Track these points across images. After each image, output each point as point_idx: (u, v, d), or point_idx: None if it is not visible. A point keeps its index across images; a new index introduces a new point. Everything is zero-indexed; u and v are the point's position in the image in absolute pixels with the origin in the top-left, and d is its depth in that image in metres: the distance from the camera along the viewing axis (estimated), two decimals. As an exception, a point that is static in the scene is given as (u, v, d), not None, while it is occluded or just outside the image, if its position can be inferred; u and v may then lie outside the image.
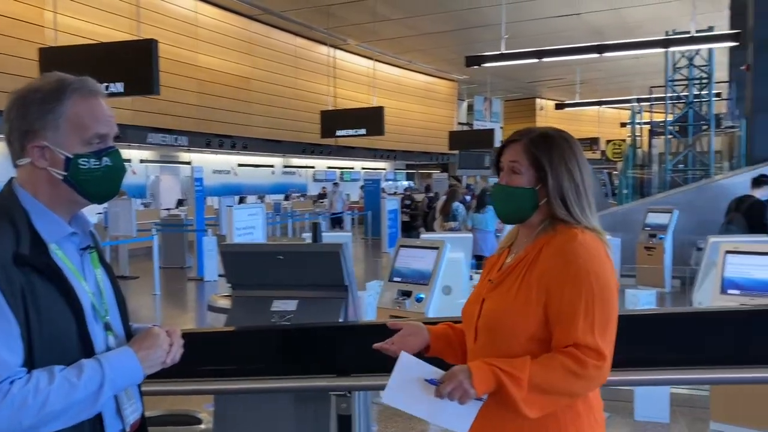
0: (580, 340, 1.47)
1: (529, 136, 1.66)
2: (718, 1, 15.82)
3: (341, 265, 2.35)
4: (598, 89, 27.16)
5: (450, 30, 19.30)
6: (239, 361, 2.23)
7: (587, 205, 1.62)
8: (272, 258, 2.45)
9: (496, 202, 1.71)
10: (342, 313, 2.36)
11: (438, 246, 4.73)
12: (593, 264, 1.52)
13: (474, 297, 1.72)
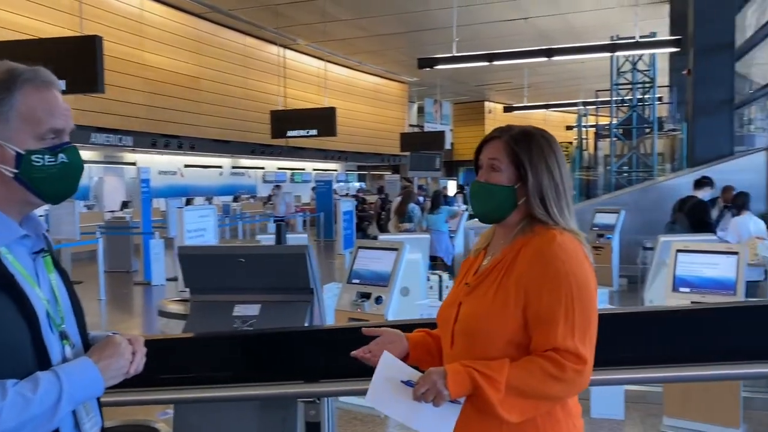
0: (560, 345, 1.44)
1: (509, 133, 1.63)
2: (659, 9, 16.38)
3: (307, 268, 2.28)
4: (545, 93, 27.73)
5: (400, 32, 19.36)
6: (201, 368, 2.14)
7: (566, 205, 1.59)
8: (233, 261, 2.36)
9: (474, 200, 1.66)
10: (307, 317, 2.29)
11: (397, 247, 4.70)
12: (572, 266, 1.48)
13: (450, 301, 1.67)
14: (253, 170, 24.57)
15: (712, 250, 4.16)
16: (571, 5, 16.73)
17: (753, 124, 13.75)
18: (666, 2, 16.05)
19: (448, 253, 8.67)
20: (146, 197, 11.33)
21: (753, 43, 11.42)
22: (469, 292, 1.60)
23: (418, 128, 29.72)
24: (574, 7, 16.87)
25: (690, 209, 6.80)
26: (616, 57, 14.04)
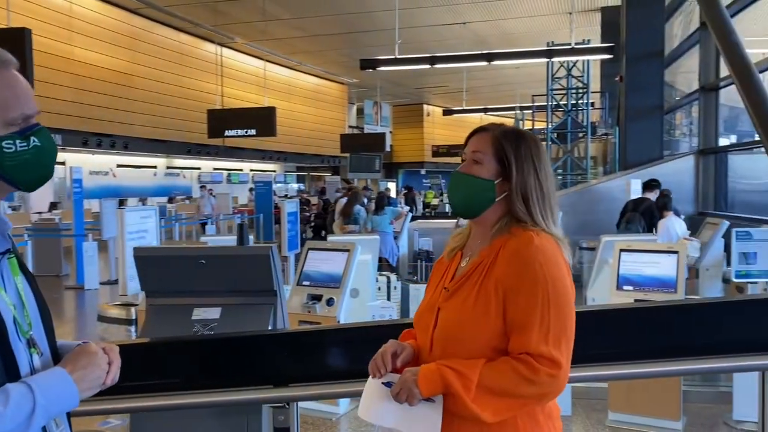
0: (533, 350, 1.42)
1: (499, 128, 1.61)
2: (591, 17, 16.96)
3: (271, 269, 2.24)
4: (482, 97, 28.23)
5: (340, 33, 19.31)
6: (160, 375, 2.06)
7: (549, 209, 1.56)
8: (193, 262, 2.29)
9: (452, 191, 1.62)
10: (271, 320, 2.24)
11: (349, 248, 4.68)
12: (550, 268, 1.46)
13: (427, 306, 1.63)
14: (188, 171, 23.98)
15: (653, 249, 4.32)
16: (507, 11, 17.10)
17: (678, 129, 14.42)
18: (598, 11, 16.64)
19: (393, 254, 8.70)
20: (78, 198, 10.88)
21: (679, 52, 11.97)
22: (449, 297, 1.56)
23: (357, 130, 29.74)
24: (509, 13, 17.26)
25: (645, 210, 7.08)
26: (551, 63, 14.44)
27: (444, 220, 13.59)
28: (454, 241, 1.71)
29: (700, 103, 9.94)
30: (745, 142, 10.15)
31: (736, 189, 9.86)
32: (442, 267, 1.70)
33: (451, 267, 1.65)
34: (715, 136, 9.72)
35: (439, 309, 1.57)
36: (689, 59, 12.20)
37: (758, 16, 11.58)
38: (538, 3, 16.33)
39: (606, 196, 9.71)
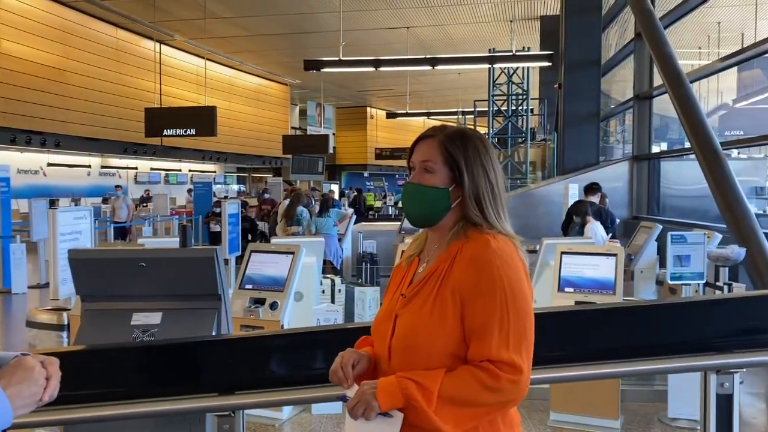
0: (494, 356, 1.40)
1: (444, 132, 1.57)
2: (531, 25, 17.37)
3: (215, 272, 2.16)
4: (425, 101, 28.51)
5: (283, 33, 19.11)
6: (97, 384, 1.96)
7: (501, 208, 1.55)
8: (132, 265, 2.19)
9: (408, 203, 1.59)
10: (215, 325, 2.17)
11: (293, 251, 4.60)
12: (507, 271, 1.44)
13: (385, 313, 1.59)
14: (124, 170, 23.23)
15: (594, 252, 4.41)
16: (451, 18, 17.31)
17: (611, 136, 14.92)
18: (537, 20, 17.05)
19: (338, 256, 8.64)
20: (6, 197, 10.38)
21: (615, 61, 12.38)
22: (406, 303, 1.53)
23: (300, 131, 29.50)
24: (453, 19, 17.48)
25: (594, 214, 7.26)
26: (493, 69, 14.69)
27: (388, 223, 13.63)
28: (411, 247, 1.68)
29: (635, 111, 10.30)
30: (676, 149, 10.58)
31: (667, 194, 10.26)
32: (400, 273, 1.66)
33: (408, 273, 1.62)
34: (648, 143, 10.09)
35: (397, 316, 1.54)
36: (622, 69, 12.66)
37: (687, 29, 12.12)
38: (481, 10, 16.61)
39: (545, 199, 9.94)
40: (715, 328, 1.81)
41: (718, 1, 12.62)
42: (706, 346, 1.81)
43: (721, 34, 13.99)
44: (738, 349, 1.77)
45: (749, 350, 1.76)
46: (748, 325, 1.78)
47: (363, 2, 15.55)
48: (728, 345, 1.78)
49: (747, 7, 12.41)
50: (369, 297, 5.43)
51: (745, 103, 15.07)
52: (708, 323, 1.83)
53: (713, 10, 11.34)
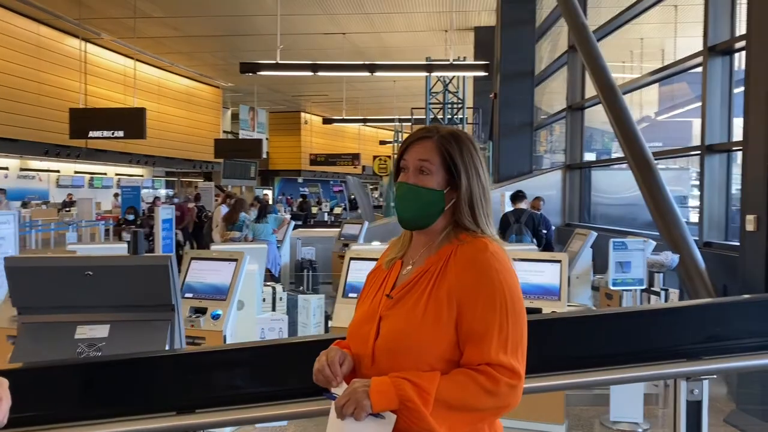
0: (494, 359, 1.36)
1: (439, 133, 1.53)
2: (466, 35, 17.68)
3: (169, 281, 2.03)
4: (360, 107, 28.51)
5: (217, 35, 18.71)
6: (38, 405, 1.79)
7: (490, 213, 1.53)
8: (77, 274, 2.02)
9: (402, 204, 1.53)
10: (168, 338, 2.03)
11: (237, 258, 4.44)
12: (507, 276, 1.42)
13: (366, 315, 1.52)
14: (45, 173, 22.11)
15: (538, 259, 4.46)
16: (387, 25, 17.42)
17: (541, 146, 15.32)
18: (471, 30, 17.37)
19: (276, 263, 8.46)
20: None
21: (548, 73, 12.72)
22: (392, 305, 1.48)
23: (232, 135, 28.92)
24: (389, 27, 17.58)
25: (527, 220, 7.36)
26: (429, 77, 14.83)
27: (326, 230, 13.49)
28: (392, 250, 1.62)
29: (567, 121, 10.60)
30: (608, 159, 10.94)
31: (597, 202, 10.60)
32: (378, 276, 1.61)
33: (390, 276, 1.57)
34: (580, 153, 10.40)
35: (381, 318, 1.48)
36: (550, 81, 13.04)
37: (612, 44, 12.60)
38: (417, 19, 16.78)
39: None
40: (684, 334, 1.83)
41: (641, 18, 13.22)
42: (675, 353, 1.82)
43: (643, 49, 14.64)
44: (707, 356, 1.79)
45: (718, 357, 1.79)
46: (716, 332, 1.81)
47: (300, 7, 15.42)
48: (697, 351, 1.80)
49: (667, 25, 13.00)
50: (313, 305, 5.33)
51: (667, 116, 15.85)
52: (676, 330, 1.85)
53: (636, 27, 11.82)
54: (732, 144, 6.11)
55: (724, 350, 1.81)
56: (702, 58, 6.31)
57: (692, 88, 13.20)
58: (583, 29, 8.29)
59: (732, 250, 5.81)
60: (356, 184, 14.99)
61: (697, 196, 12.79)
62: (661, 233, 6.19)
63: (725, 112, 6.18)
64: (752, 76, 4.63)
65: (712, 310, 1.88)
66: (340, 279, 4.92)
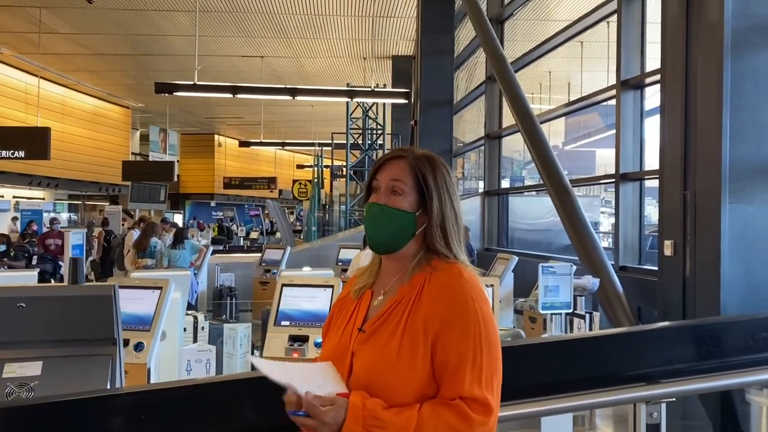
0: (467, 393, 1.32)
1: (413, 154, 1.50)
2: (384, 63, 17.97)
3: (112, 313, 1.87)
4: (276, 131, 28.24)
5: (129, 54, 18.06)
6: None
7: (461, 239, 1.50)
8: (8, 306, 1.83)
9: (373, 225, 1.47)
10: (109, 375, 1.87)
11: (161, 286, 4.21)
12: (482, 304, 1.39)
13: (336, 351, 1.45)
14: (-70, 195, 20.44)
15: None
16: (305, 51, 17.42)
17: (459, 173, 15.69)
18: (389, 58, 17.67)
19: (193, 291, 8.12)
20: None
21: (466, 102, 13.08)
22: (365, 339, 1.41)
23: (141, 157, 27.86)
24: (308, 53, 17.60)
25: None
26: (349, 103, 14.93)
27: (244, 254, 13.14)
28: (361, 278, 1.56)
29: (486, 149, 10.90)
30: (526, 186, 11.31)
31: (514, 228, 10.92)
32: (347, 306, 1.54)
33: (360, 307, 1.50)
34: (498, 179, 10.70)
35: (354, 353, 1.41)
36: (465, 111, 13.43)
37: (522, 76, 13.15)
38: (336, 46, 16.88)
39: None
40: (642, 358, 1.87)
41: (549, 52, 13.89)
42: (633, 377, 1.85)
43: (551, 82, 15.37)
44: (665, 379, 1.83)
45: (675, 379, 1.83)
46: (674, 355, 1.86)
47: (217, 28, 15.15)
48: (655, 374, 1.84)
49: (574, 59, 13.72)
50: (240, 334, 5.12)
51: (574, 145, 16.67)
52: (634, 354, 1.89)
53: (544, 60, 12.40)
54: (644, 173, 6.46)
55: (682, 372, 1.85)
56: (615, 91, 6.66)
57: (599, 119, 13.96)
58: (502, 61, 8.58)
59: (645, 273, 6.12)
60: (276, 208, 14.76)
61: (607, 223, 13.47)
62: (580, 258, 6.42)
63: (637, 142, 6.54)
64: (667, 108, 4.92)
65: (669, 334, 1.93)
66: (271, 306, 4.77)
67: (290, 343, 4.34)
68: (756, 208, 4.17)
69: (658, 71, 5.46)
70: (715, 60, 4.25)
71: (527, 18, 11.82)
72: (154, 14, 14.30)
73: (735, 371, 1.85)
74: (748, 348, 1.87)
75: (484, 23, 8.67)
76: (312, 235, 13.58)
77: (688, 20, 4.54)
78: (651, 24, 6.56)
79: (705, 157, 4.36)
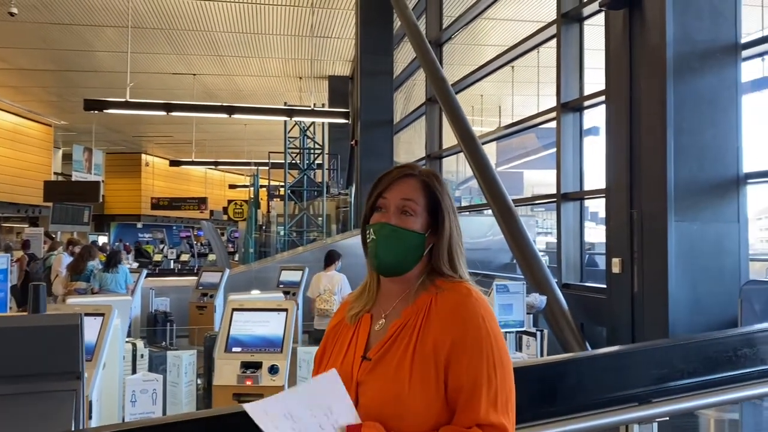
0: (483, 420, 1.25)
1: (421, 172, 1.44)
2: (320, 83, 17.96)
3: (77, 345, 1.71)
4: (207, 150, 27.65)
5: (53, 69, 17.30)
6: None
7: (464, 258, 1.44)
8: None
9: (384, 247, 1.37)
10: (73, 412, 1.70)
11: (104, 312, 3.97)
12: (493, 324, 1.33)
13: None
14: None
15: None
16: (239, 69, 17.21)
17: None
18: (325, 78, 17.67)
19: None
20: None
21: (406, 122, 13.19)
22: (371, 368, 1.32)
23: (63, 177, 26.64)
24: (242, 71, 17.40)
25: None
26: (287, 122, 14.79)
27: (177, 278, 12.69)
28: (357, 302, 1.47)
29: (426, 170, 10.98)
30: (468, 205, 11.44)
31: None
32: (345, 333, 1.44)
33: (359, 333, 1.40)
34: (439, 200, 10.79)
35: (359, 384, 1.32)
36: (403, 132, 13.55)
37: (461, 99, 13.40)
38: (271, 64, 16.74)
39: (348, 251, 10.02)
40: (633, 378, 1.86)
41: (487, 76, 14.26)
42: (624, 398, 1.84)
43: (483, 105, 15.75)
44: (655, 398, 1.83)
45: (665, 398, 1.83)
46: (663, 373, 1.86)
47: (149, 45, 14.75)
48: (646, 394, 1.83)
49: (505, 84, 14.10)
50: (185, 362, 4.88)
51: (506, 167, 17.10)
52: (624, 374, 1.88)
53: (477, 84, 12.70)
54: (584, 192, 6.64)
55: (670, 391, 1.86)
56: (556, 114, 6.84)
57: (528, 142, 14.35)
58: (443, 83, 8.69)
59: (589, 290, 6.25)
60: (211, 229, 14.36)
61: (542, 242, 13.78)
62: (525, 276, 6.50)
63: (577, 163, 6.72)
64: (612, 129, 5.07)
65: (657, 353, 1.94)
66: (218, 332, 4.57)
67: (242, 370, 4.16)
68: (699, 226, 4.34)
69: (600, 93, 5.63)
70: (658, 83, 4.42)
71: (464, 42, 12.08)
72: (83, 29, 13.79)
73: (721, 388, 1.87)
74: (731, 363, 1.90)
75: (424, 46, 8.77)
76: (249, 257, 13.25)
77: (632, 43, 4.72)
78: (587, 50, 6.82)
79: (651, 176, 4.51)
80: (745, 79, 4.59)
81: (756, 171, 4.58)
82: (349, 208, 13.20)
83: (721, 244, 4.41)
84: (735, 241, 4.43)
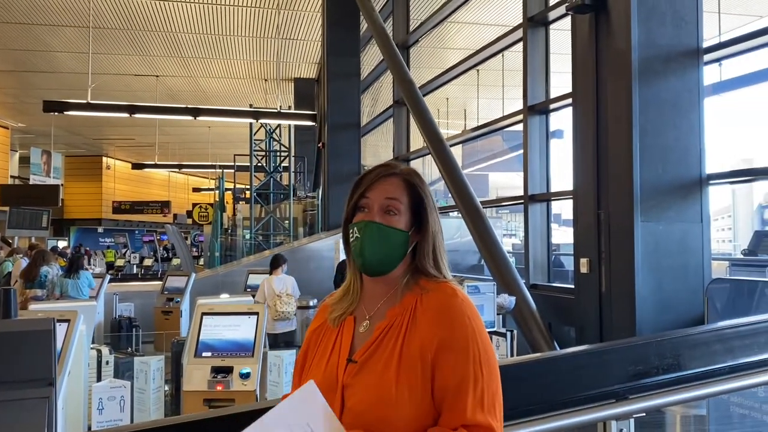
0: (469, 420, 1.23)
1: (403, 171, 1.43)
2: (286, 85, 17.84)
3: (50, 351, 1.66)
4: (170, 152, 27.22)
5: (7, 70, 16.84)
6: None
7: (446, 257, 1.43)
8: None
9: (369, 245, 1.36)
10: (46, 420, 1.64)
11: (69, 318, 3.86)
12: (478, 323, 1.31)
13: (323, 384, 1.29)
14: None
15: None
16: (203, 71, 17.02)
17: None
18: (291, 81, 17.57)
19: (91, 323, 7.56)
20: None
21: (373, 125, 13.19)
22: (357, 371, 1.30)
23: (20, 180, 25.92)
24: (205, 72, 17.20)
25: None
26: (252, 125, 14.66)
27: (140, 283, 12.43)
28: (339, 305, 1.45)
29: (394, 172, 11.00)
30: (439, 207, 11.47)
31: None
32: (327, 336, 1.42)
33: (343, 335, 1.38)
34: (406, 202, 10.81)
35: (345, 387, 1.30)
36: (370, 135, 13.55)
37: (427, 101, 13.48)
38: (235, 66, 16.59)
39: (316, 255, 10.00)
40: (609, 376, 1.89)
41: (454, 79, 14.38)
42: (602, 395, 1.86)
43: (449, 108, 15.86)
44: (632, 394, 1.86)
45: (642, 394, 1.86)
46: (638, 370, 1.89)
47: (110, 46, 14.48)
48: (624, 391, 1.86)
49: (470, 87, 14.23)
50: (153, 368, 4.79)
51: (471, 169, 17.27)
52: (602, 371, 1.90)
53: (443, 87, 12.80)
54: (551, 194, 6.73)
55: (647, 387, 1.89)
56: (523, 116, 6.92)
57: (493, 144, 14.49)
58: (411, 85, 8.71)
59: (556, 291, 6.34)
60: (176, 233, 14.13)
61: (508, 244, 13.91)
62: (494, 277, 6.56)
63: (544, 165, 6.81)
64: (579, 131, 5.16)
65: (633, 350, 1.97)
66: (185, 336, 4.50)
67: (213, 375, 4.10)
68: (664, 226, 4.43)
69: (566, 96, 5.71)
70: (624, 86, 4.51)
71: (430, 45, 12.13)
72: (41, 29, 13.44)
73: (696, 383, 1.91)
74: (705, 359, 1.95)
75: (391, 48, 8.79)
76: (215, 261, 13.07)
77: (598, 47, 4.80)
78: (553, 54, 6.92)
79: (617, 177, 4.59)
80: (707, 83, 4.71)
81: (718, 172, 4.71)
82: (317, 211, 13.13)
83: (685, 243, 4.52)
84: (698, 241, 4.54)
